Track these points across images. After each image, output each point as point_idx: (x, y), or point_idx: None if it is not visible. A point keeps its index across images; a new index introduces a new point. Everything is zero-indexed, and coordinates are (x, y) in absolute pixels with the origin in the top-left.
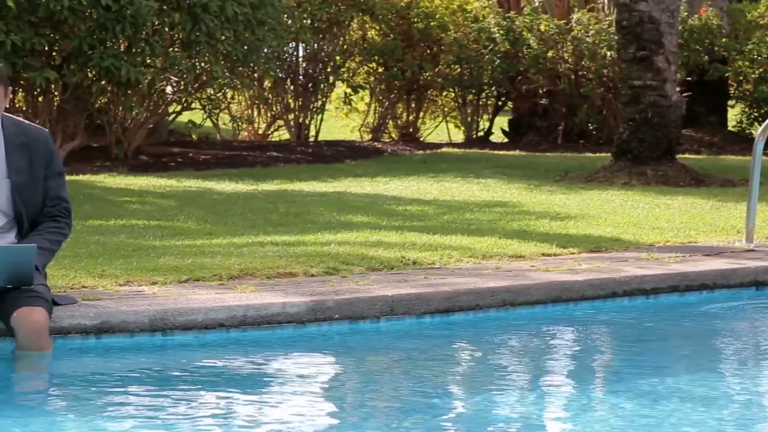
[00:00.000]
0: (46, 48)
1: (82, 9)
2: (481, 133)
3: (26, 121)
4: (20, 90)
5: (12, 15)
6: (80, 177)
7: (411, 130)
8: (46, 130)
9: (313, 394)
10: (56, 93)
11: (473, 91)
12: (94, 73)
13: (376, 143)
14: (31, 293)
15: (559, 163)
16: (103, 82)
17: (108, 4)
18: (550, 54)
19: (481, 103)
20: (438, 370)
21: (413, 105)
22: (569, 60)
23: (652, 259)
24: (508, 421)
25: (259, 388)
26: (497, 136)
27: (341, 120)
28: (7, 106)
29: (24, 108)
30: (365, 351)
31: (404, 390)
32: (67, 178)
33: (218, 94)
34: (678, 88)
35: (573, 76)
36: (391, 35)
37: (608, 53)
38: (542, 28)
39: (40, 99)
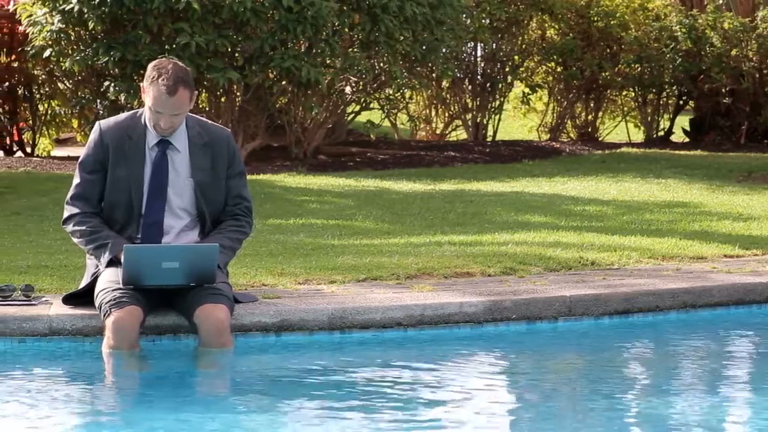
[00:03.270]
0: (229, 49)
1: (264, 10)
2: (661, 133)
3: (209, 121)
4: (203, 91)
5: (196, 17)
6: (261, 176)
7: (590, 129)
8: (228, 129)
9: (490, 394)
10: (238, 93)
11: (653, 90)
12: (275, 73)
13: (554, 143)
14: (213, 291)
15: (743, 163)
16: (283, 83)
17: (289, 5)
18: (733, 52)
19: (661, 102)
20: (616, 371)
21: (592, 104)
22: (753, 58)
23: None
24: (688, 424)
25: (436, 386)
26: (678, 136)
27: (519, 120)
28: (191, 106)
29: (207, 108)
30: (542, 351)
31: (582, 391)
32: (248, 177)
33: (396, 94)
34: None
35: (757, 75)
36: (570, 34)
37: None
38: (726, 26)
39: (222, 99)
